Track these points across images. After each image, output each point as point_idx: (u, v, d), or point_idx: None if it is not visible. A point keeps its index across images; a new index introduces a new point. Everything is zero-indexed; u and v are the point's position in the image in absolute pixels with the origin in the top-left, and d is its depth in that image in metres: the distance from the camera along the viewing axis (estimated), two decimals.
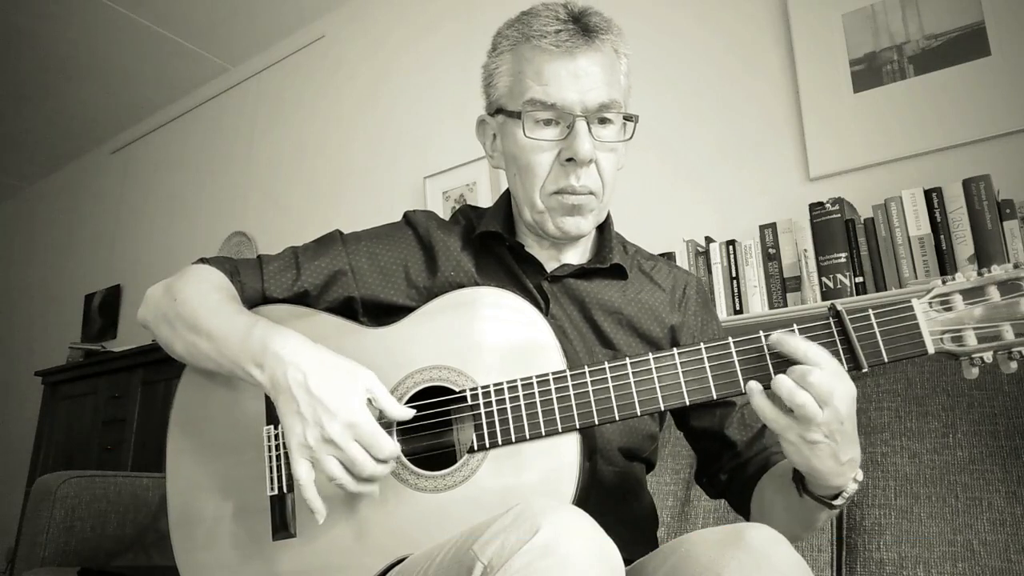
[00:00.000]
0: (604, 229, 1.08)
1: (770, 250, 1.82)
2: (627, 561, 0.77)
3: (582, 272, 1.03)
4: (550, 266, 1.03)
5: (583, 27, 0.94)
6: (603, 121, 0.95)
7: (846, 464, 0.77)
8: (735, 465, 1.02)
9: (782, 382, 0.73)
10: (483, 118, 1.05)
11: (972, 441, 1.21)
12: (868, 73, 1.94)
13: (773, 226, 1.83)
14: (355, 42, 3.29)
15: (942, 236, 1.60)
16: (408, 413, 0.85)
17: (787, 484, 0.87)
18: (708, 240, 1.94)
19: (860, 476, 0.81)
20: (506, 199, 1.09)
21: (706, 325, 1.08)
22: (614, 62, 0.97)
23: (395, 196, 2.95)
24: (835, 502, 0.82)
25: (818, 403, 0.72)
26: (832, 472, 0.77)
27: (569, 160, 0.93)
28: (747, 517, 1.02)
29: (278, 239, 3.19)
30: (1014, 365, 0.75)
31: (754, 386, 0.76)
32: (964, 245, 1.57)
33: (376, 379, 0.84)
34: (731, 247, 1.87)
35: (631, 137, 0.99)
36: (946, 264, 1.58)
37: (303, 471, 0.81)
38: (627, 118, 0.97)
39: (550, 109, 0.93)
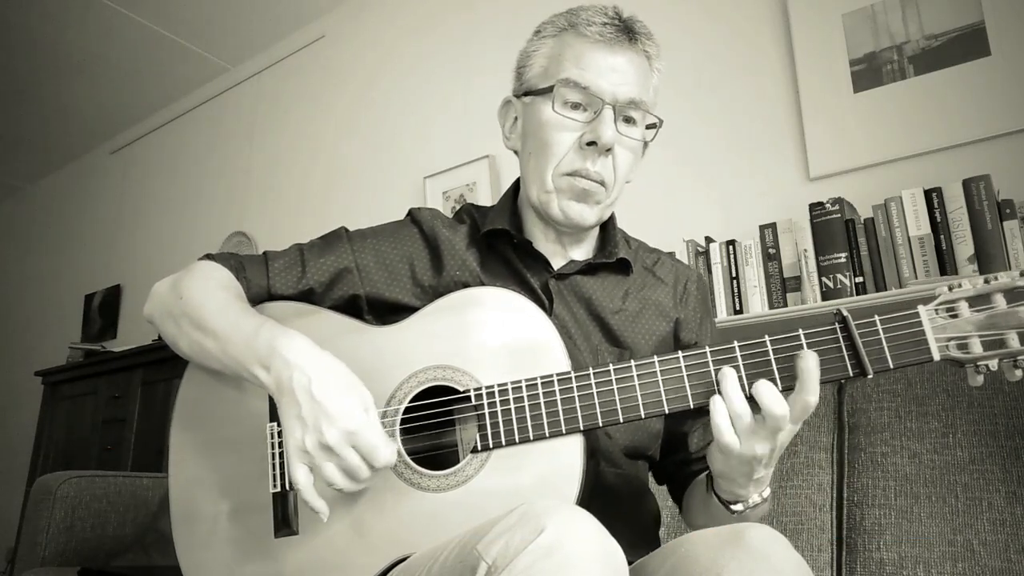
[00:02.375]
0: (608, 225, 1.09)
1: (770, 250, 1.82)
2: (629, 562, 0.77)
3: (588, 268, 1.03)
4: (556, 262, 1.04)
5: (628, 28, 0.98)
6: (628, 120, 0.98)
7: (756, 480, 0.83)
8: (681, 461, 1.06)
9: (768, 389, 0.77)
10: (509, 99, 1.07)
11: (972, 441, 1.21)
12: (868, 73, 1.94)
13: (773, 226, 1.83)
14: (355, 42, 3.29)
15: (942, 236, 1.60)
16: (391, 458, 0.81)
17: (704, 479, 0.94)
18: (708, 240, 1.95)
19: (767, 493, 0.87)
20: (511, 195, 1.10)
21: (703, 323, 1.09)
22: (648, 71, 1.00)
23: (395, 196, 2.95)
24: (733, 507, 0.87)
25: (791, 421, 0.77)
26: (741, 485, 0.84)
27: (589, 144, 0.95)
28: (680, 506, 1.08)
29: (278, 239, 3.19)
30: (1019, 373, 0.75)
31: (729, 372, 0.79)
32: (964, 245, 1.57)
33: (372, 402, 0.84)
34: (731, 247, 1.87)
35: (651, 139, 1.02)
36: (946, 264, 1.58)
37: (301, 476, 0.81)
38: (650, 125, 1.01)
39: (582, 91, 0.95)
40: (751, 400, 0.78)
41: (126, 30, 3.47)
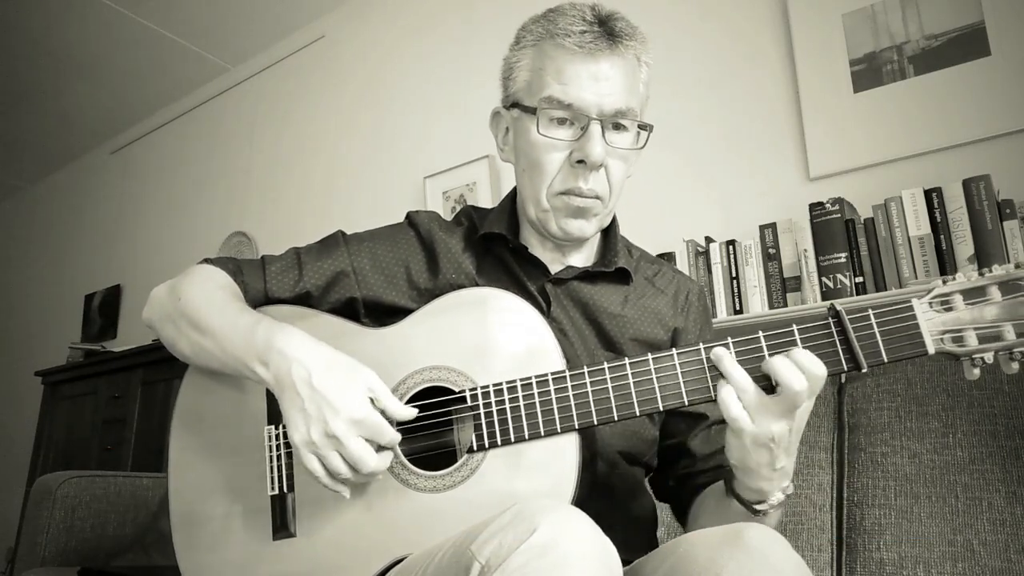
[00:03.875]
0: (610, 232, 1.08)
1: (770, 250, 1.82)
2: (626, 562, 0.77)
3: (586, 275, 1.03)
4: (554, 268, 1.03)
5: (608, 31, 0.93)
6: (617, 127, 0.95)
7: (778, 471, 0.80)
8: (687, 473, 1.02)
9: (782, 363, 0.76)
10: (498, 110, 1.05)
11: (972, 441, 1.21)
12: (868, 73, 1.94)
13: (773, 226, 1.83)
14: (355, 42, 3.29)
15: (942, 236, 1.60)
16: (410, 412, 0.85)
17: (720, 486, 0.90)
18: (708, 240, 1.95)
19: (790, 489, 0.84)
20: (510, 199, 1.09)
21: (702, 333, 1.08)
22: (635, 70, 0.96)
23: (395, 196, 2.95)
24: (757, 506, 0.84)
25: (808, 393, 0.75)
26: (763, 476, 0.80)
27: (579, 162, 0.93)
28: (683, 523, 1.04)
29: (278, 239, 3.19)
30: (1015, 366, 0.75)
31: (721, 352, 0.79)
32: (964, 245, 1.57)
33: (377, 378, 0.84)
34: (731, 247, 1.87)
35: (643, 146, 0.98)
36: (946, 264, 1.58)
37: (315, 465, 0.82)
38: (641, 127, 0.97)
39: (566, 108, 0.92)
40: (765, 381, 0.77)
41: (126, 30, 3.47)
